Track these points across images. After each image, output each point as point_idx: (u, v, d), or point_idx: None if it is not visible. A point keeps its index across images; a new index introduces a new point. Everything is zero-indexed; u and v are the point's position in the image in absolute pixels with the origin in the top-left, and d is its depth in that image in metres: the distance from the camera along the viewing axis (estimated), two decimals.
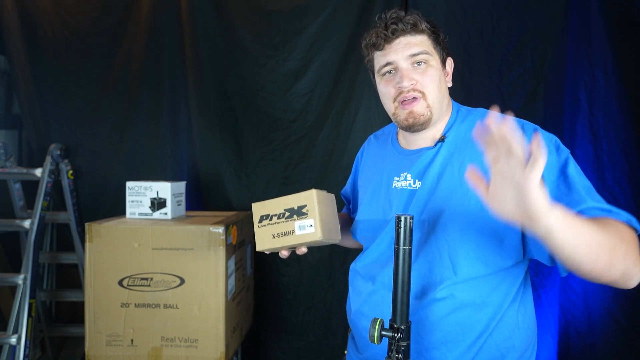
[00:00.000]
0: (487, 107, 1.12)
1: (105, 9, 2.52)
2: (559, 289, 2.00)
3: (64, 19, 2.55)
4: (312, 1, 2.27)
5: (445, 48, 1.10)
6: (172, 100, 2.49)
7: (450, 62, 1.13)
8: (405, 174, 1.10)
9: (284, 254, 1.12)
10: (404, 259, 0.88)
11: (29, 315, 2.19)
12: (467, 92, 2.06)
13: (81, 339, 1.87)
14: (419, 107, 1.04)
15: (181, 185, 2.07)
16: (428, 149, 1.09)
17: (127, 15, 2.50)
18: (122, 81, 2.53)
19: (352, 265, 1.23)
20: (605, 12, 1.87)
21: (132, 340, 1.79)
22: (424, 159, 1.08)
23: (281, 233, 1.07)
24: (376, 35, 1.06)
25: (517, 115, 2.08)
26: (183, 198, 2.08)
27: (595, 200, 0.92)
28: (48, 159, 2.37)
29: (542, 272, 1.97)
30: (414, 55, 1.04)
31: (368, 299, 1.12)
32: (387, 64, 1.06)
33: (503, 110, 1.12)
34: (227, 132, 2.43)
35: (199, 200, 2.50)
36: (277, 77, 2.33)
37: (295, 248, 1.10)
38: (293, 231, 1.05)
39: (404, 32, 1.04)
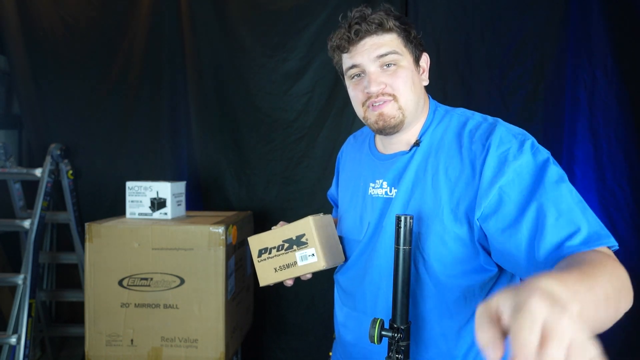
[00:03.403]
0: (487, 107, 1.12)
1: (105, 9, 2.52)
2: None
3: (64, 19, 2.55)
4: (312, 1, 2.27)
5: (418, 45, 1.01)
6: (172, 100, 2.49)
7: (425, 58, 1.04)
8: (380, 180, 1.04)
9: (289, 283, 1.07)
10: (404, 259, 0.88)
11: (29, 315, 2.18)
12: (467, 92, 2.06)
13: (81, 339, 1.87)
14: (389, 109, 0.96)
15: (181, 185, 2.07)
16: (402, 153, 1.02)
17: (127, 15, 2.51)
18: (122, 81, 2.53)
19: (335, 275, 1.18)
20: (605, 12, 1.87)
21: (132, 340, 1.79)
22: (398, 165, 1.02)
23: (283, 266, 1.03)
24: (340, 37, 0.98)
25: (517, 115, 2.08)
26: (183, 198, 2.08)
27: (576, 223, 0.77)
28: (48, 159, 2.36)
29: None
30: (382, 56, 0.95)
31: (349, 316, 1.10)
32: (354, 66, 0.98)
33: (503, 111, 1.11)
34: (227, 132, 2.43)
35: (199, 200, 2.50)
36: (277, 77, 2.33)
37: (299, 277, 1.06)
38: (295, 262, 1.02)
39: (369, 33, 0.94)
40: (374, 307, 1.03)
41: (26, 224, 2.27)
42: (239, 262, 2.00)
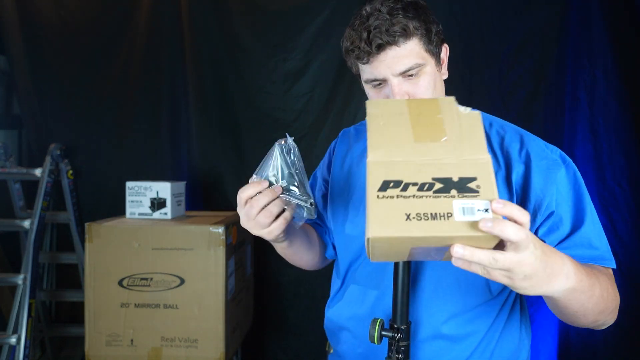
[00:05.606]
0: (487, 107, 1.11)
1: (105, 9, 2.52)
2: None
3: (64, 19, 2.55)
4: (312, 1, 2.27)
5: (439, 41, 0.96)
6: (172, 100, 2.49)
7: (445, 51, 1.00)
8: None
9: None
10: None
11: (29, 315, 2.18)
12: (467, 92, 2.06)
13: (81, 339, 1.87)
14: None
15: (181, 185, 2.07)
16: None
17: (127, 15, 2.50)
18: (122, 81, 2.52)
19: (350, 272, 1.11)
20: (605, 12, 1.87)
21: (132, 341, 1.79)
22: None
23: (426, 215, 0.59)
24: (357, 45, 0.91)
25: (517, 115, 2.08)
26: (183, 198, 2.08)
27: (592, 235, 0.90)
28: (48, 159, 2.36)
29: None
30: (405, 71, 0.91)
31: (375, 304, 1.03)
32: (375, 79, 0.94)
33: (503, 111, 1.12)
34: (227, 132, 2.43)
35: (199, 200, 2.50)
36: (277, 77, 2.33)
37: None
38: (450, 215, 0.59)
39: (390, 44, 0.89)
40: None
41: (26, 224, 2.27)
42: (239, 262, 2.00)
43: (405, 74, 0.92)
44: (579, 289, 0.71)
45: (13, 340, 2.15)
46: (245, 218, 0.84)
